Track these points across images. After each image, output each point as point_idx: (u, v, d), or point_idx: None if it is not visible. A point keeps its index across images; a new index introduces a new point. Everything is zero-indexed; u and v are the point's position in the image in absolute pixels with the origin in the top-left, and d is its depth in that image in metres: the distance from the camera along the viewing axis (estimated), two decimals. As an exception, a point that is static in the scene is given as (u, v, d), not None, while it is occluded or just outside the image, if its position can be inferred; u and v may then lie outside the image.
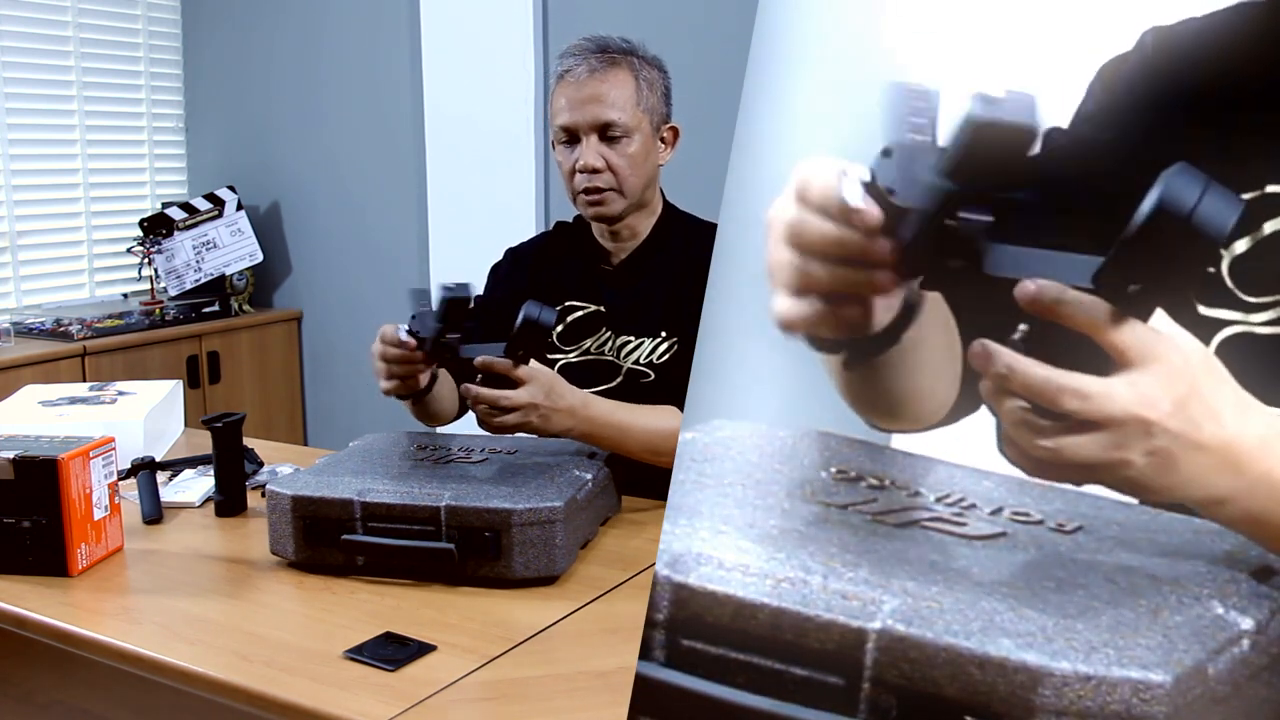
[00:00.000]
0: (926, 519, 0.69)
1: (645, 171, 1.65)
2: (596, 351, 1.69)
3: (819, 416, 0.79)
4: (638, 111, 1.62)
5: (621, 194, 1.64)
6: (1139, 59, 0.72)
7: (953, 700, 0.59)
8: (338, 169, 3.70)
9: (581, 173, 1.62)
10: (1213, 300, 0.70)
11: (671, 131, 1.70)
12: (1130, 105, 0.71)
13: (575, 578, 1.27)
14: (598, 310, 1.71)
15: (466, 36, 3.32)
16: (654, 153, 1.67)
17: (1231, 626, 0.60)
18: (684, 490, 0.72)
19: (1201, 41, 0.70)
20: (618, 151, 1.62)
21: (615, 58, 1.63)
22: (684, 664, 0.66)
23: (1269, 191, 0.68)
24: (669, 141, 1.70)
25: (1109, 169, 0.72)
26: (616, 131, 1.61)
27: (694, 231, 1.72)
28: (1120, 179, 0.70)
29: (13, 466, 1.27)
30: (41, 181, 3.56)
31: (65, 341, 3.15)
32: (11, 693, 1.38)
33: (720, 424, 0.77)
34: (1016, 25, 0.74)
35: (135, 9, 3.78)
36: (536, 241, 1.85)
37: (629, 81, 1.62)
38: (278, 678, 1.02)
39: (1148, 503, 0.71)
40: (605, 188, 1.63)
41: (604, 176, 1.62)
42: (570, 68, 1.63)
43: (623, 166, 1.62)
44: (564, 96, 1.63)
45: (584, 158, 1.61)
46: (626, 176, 1.63)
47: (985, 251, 0.63)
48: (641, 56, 1.66)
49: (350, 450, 1.47)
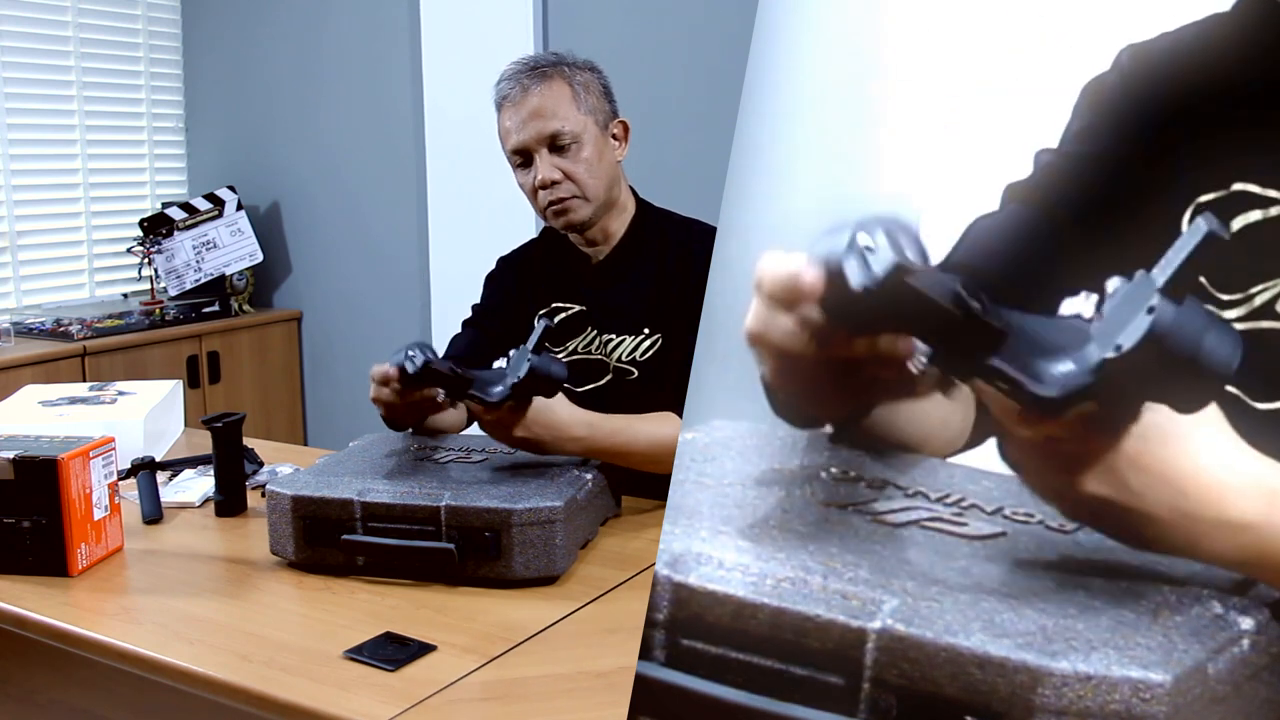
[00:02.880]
0: (926, 519, 0.69)
1: (603, 172, 1.66)
2: (584, 351, 1.71)
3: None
4: (580, 115, 1.63)
5: (585, 199, 1.65)
6: (1117, 76, 0.74)
7: (953, 700, 0.59)
8: (338, 169, 3.70)
9: (542, 189, 1.64)
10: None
11: (621, 126, 1.71)
12: (1113, 121, 0.73)
13: (575, 578, 1.27)
14: (581, 310, 1.72)
15: (466, 36, 3.32)
16: (608, 151, 1.68)
17: (1231, 626, 0.60)
18: (684, 490, 0.72)
19: (1174, 54, 0.72)
20: (571, 159, 1.63)
21: (545, 70, 1.64)
22: (684, 664, 0.66)
23: (1236, 190, 0.69)
24: (621, 137, 1.71)
25: (1097, 179, 0.73)
26: (565, 139, 1.62)
27: (670, 228, 1.73)
28: (1108, 190, 0.71)
29: (13, 466, 1.27)
30: (41, 181, 3.56)
31: (65, 341, 3.15)
32: (11, 693, 1.38)
33: (720, 424, 0.77)
34: (1004, 39, 0.75)
35: (135, 9, 3.78)
36: (524, 249, 1.87)
37: (564, 89, 1.63)
38: (278, 678, 1.02)
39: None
40: (568, 196, 1.64)
41: (564, 186, 1.63)
42: (506, 92, 1.65)
43: (579, 172, 1.63)
44: (507, 120, 1.65)
45: (540, 173, 1.63)
46: (585, 181, 1.64)
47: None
48: (570, 64, 1.67)
49: (350, 450, 1.47)
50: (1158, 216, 0.72)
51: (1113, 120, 0.73)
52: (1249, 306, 0.69)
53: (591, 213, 1.66)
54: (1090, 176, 0.74)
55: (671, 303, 1.65)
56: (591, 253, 1.74)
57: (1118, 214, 0.73)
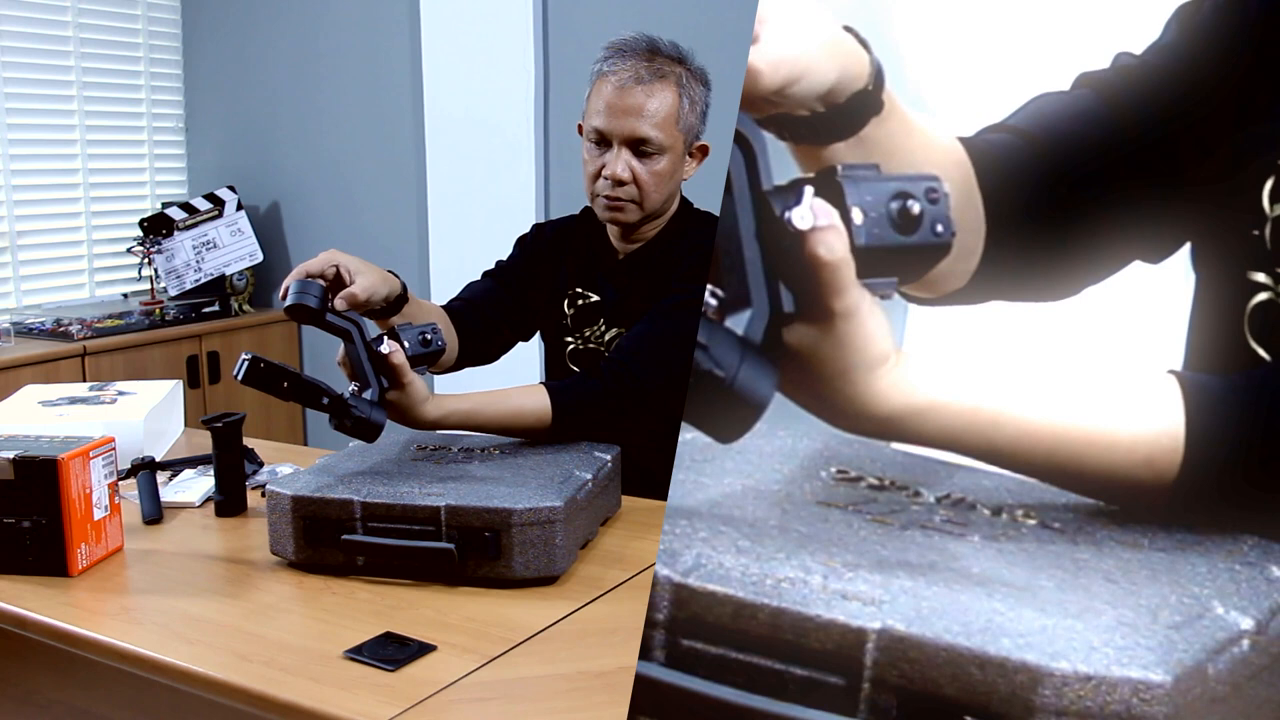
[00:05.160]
0: (926, 519, 0.69)
1: (669, 188, 1.64)
2: (596, 342, 1.71)
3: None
4: (675, 130, 1.60)
5: (641, 207, 1.62)
6: (1211, 2, 0.74)
7: (953, 700, 0.59)
8: (338, 169, 3.70)
9: (606, 179, 1.61)
10: (1256, 263, 0.71)
11: (701, 149, 1.68)
12: (1200, 46, 0.73)
13: (575, 578, 1.27)
14: (598, 301, 1.72)
15: (466, 36, 3.32)
16: (680, 169, 1.65)
17: (1231, 626, 0.60)
18: (684, 490, 0.72)
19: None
20: (647, 166, 1.59)
21: (664, 70, 1.59)
22: (684, 664, 0.66)
23: None
24: (696, 157, 1.68)
25: (1170, 94, 0.74)
26: (650, 148, 1.58)
27: (697, 224, 1.72)
28: (1178, 108, 0.71)
29: (13, 466, 1.27)
30: (41, 181, 3.56)
31: (65, 341, 3.15)
32: (11, 693, 1.38)
33: (720, 424, 0.77)
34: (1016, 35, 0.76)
35: (135, 9, 3.78)
36: (565, 222, 1.83)
37: (672, 99, 1.58)
38: (278, 678, 1.02)
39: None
40: (627, 199, 1.61)
41: (628, 189, 1.60)
42: (615, 70, 1.59)
43: (648, 182, 1.60)
44: (603, 99, 1.59)
45: (611, 166, 1.59)
46: (650, 192, 1.61)
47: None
48: (691, 71, 1.63)
49: (350, 450, 1.47)
50: (1217, 146, 0.72)
51: (1200, 44, 0.72)
52: None
53: (640, 219, 1.65)
54: (1164, 90, 0.75)
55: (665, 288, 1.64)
56: (620, 247, 1.73)
57: (1176, 130, 0.73)
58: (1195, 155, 0.73)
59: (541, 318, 1.78)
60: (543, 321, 1.79)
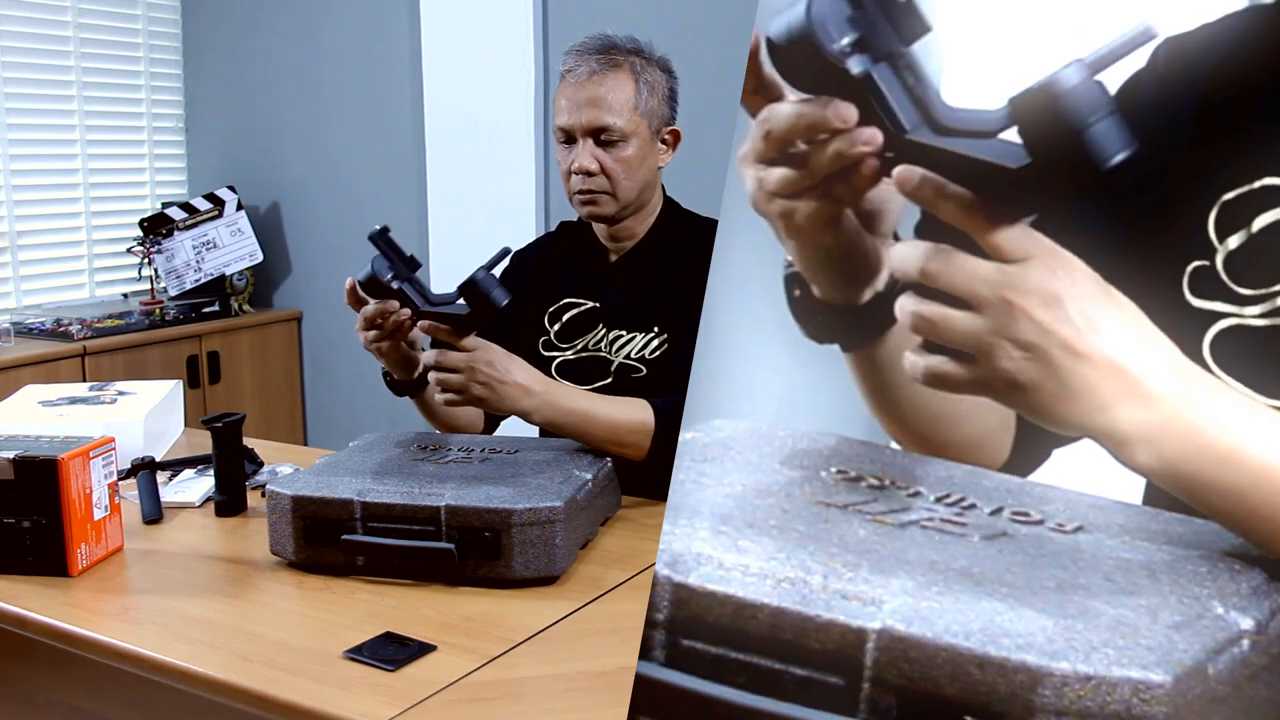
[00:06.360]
0: (926, 519, 0.69)
1: (641, 175, 1.65)
2: (594, 348, 1.70)
3: (819, 416, 0.79)
4: (635, 115, 1.62)
5: (614, 197, 1.64)
6: (1151, 71, 0.74)
7: (953, 700, 0.59)
8: (338, 169, 3.70)
9: (576, 174, 1.63)
10: (1207, 293, 0.71)
11: (673, 134, 1.70)
12: (1147, 115, 0.73)
13: (575, 578, 1.27)
14: (594, 307, 1.71)
15: (466, 36, 3.32)
16: (652, 156, 1.66)
17: (1231, 626, 0.60)
18: (684, 490, 0.72)
19: (1210, 47, 0.72)
20: (612, 155, 1.62)
21: (617, 59, 1.62)
22: (684, 664, 0.66)
23: (1263, 184, 0.69)
24: (670, 144, 1.70)
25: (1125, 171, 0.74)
26: (612, 135, 1.61)
27: (692, 227, 1.72)
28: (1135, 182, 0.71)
29: (13, 466, 1.27)
30: (41, 181, 3.56)
31: (65, 341, 3.15)
32: (11, 693, 1.38)
33: (720, 424, 0.77)
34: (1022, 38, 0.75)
35: (135, 9, 3.78)
36: (538, 243, 1.85)
37: (628, 85, 1.61)
38: (278, 678, 1.02)
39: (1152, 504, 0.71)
40: (598, 190, 1.63)
41: (597, 180, 1.62)
42: (571, 67, 1.63)
43: (616, 170, 1.62)
44: (564, 97, 1.63)
45: (578, 160, 1.62)
46: (620, 180, 1.63)
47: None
48: (646, 58, 1.66)
49: (350, 450, 1.47)
50: (1183, 213, 0.72)
51: (1146, 111, 0.73)
52: (1270, 305, 0.69)
53: (617, 210, 1.66)
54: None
55: (682, 300, 1.64)
56: (613, 248, 1.73)
57: (1143, 206, 0.73)
58: (1166, 232, 0.73)
59: (519, 342, 1.71)
60: (520, 346, 1.68)
